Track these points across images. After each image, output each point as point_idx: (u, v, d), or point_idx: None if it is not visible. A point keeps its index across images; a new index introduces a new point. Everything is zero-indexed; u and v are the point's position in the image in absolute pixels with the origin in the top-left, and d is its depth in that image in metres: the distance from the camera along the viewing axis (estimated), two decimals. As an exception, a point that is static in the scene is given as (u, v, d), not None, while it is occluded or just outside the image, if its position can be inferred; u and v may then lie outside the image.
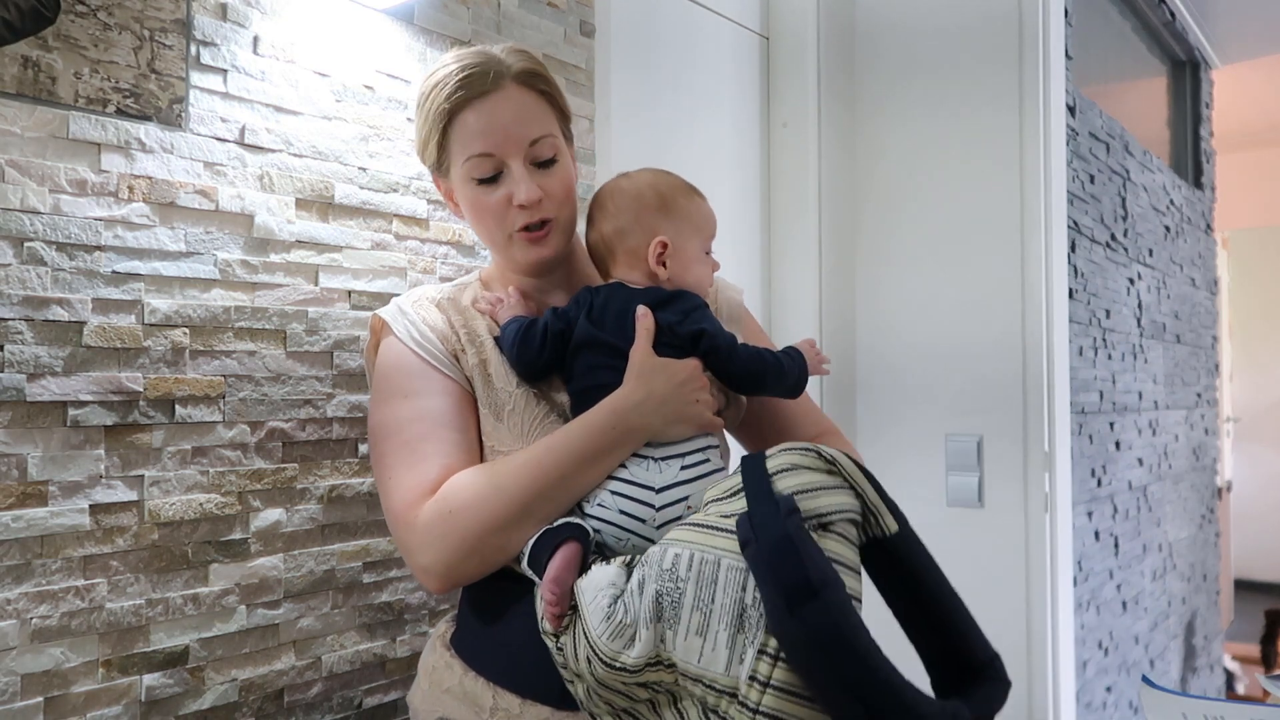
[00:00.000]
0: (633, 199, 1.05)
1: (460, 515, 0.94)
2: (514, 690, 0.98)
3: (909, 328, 2.15)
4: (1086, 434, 2.42)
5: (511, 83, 1.03)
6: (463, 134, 1.03)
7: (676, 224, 1.05)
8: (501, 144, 1.02)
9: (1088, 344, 2.45)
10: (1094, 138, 2.56)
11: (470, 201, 1.06)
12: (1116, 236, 2.71)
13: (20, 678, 0.98)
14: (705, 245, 1.08)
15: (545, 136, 1.05)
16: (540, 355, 1.02)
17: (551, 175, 1.05)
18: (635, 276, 1.05)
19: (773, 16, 2.18)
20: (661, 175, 1.08)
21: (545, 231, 1.05)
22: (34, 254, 1.00)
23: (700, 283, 1.07)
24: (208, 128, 1.14)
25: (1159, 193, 3.18)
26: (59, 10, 1.01)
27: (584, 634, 0.86)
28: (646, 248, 1.04)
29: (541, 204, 1.04)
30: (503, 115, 1.02)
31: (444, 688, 1.03)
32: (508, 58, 1.04)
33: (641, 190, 1.06)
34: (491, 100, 1.02)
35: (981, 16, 2.07)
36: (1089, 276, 2.47)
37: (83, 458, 1.03)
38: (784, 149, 2.16)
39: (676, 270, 1.04)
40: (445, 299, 1.11)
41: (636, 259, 1.05)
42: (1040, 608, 1.99)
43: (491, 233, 1.07)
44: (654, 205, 1.04)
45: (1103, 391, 2.56)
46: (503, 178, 1.04)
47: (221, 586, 1.15)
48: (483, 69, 1.02)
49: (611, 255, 1.06)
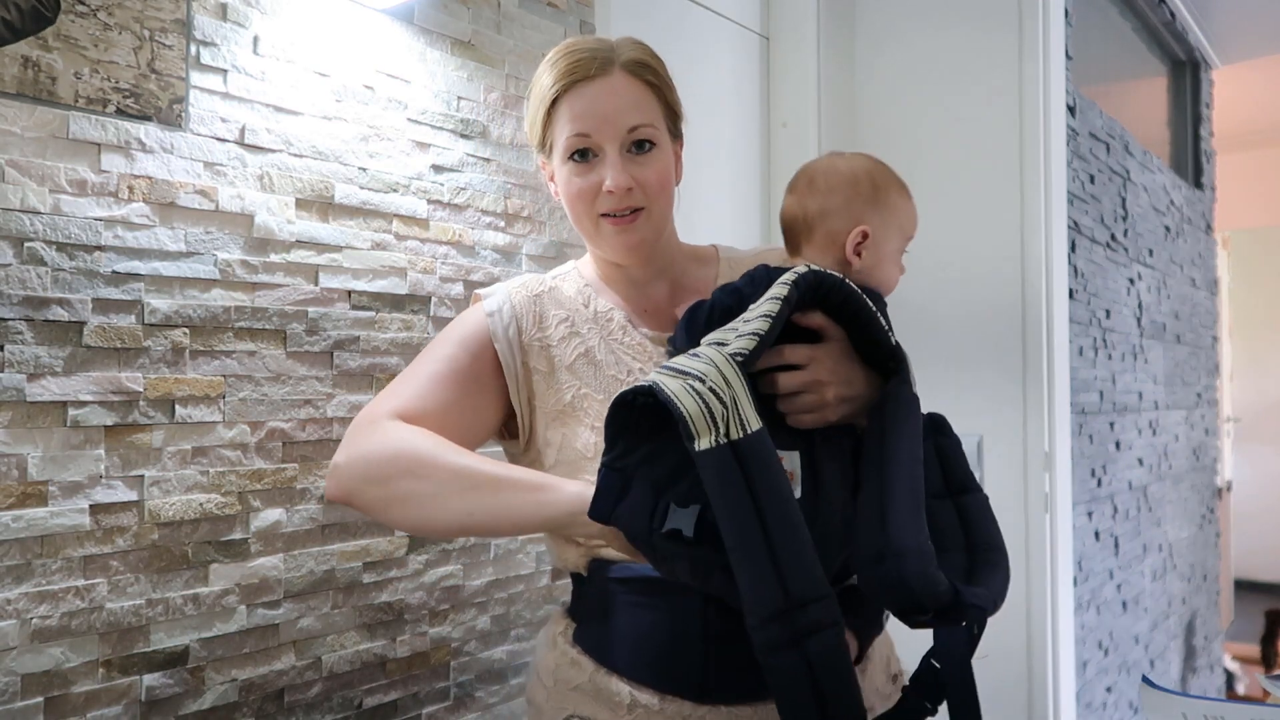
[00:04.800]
0: (847, 181, 1.01)
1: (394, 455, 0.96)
2: (652, 685, 0.97)
3: (909, 328, 2.15)
4: (1086, 434, 2.42)
5: (619, 70, 1.03)
6: (566, 115, 1.03)
7: (883, 217, 1.00)
8: (599, 127, 1.01)
9: (1088, 344, 2.45)
10: (1094, 138, 2.56)
11: (564, 183, 1.05)
12: (1116, 236, 2.71)
13: (20, 678, 0.98)
14: (903, 246, 1.04)
15: (644, 125, 1.03)
16: (707, 331, 0.96)
17: (647, 165, 1.03)
18: (825, 260, 1.00)
19: (773, 16, 2.18)
20: (878, 164, 1.04)
21: (633, 219, 1.03)
22: (34, 254, 1.00)
23: (887, 282, 1.03)
24: (208, 128, 1.14)
25: (1159, 193, 3.18)
26: (59, 10, 1.01)
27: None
28: (847, 234, 0.99)
29: (632, 193, 1.02)
30: (604, 101, 1.02)
31: (573, 685, 1.01)
32: (620, 46, 1.05)
33: (858, 174, 1.01)
34: (596, 85, 1.02)
35: (982, 17, 2.07)
36: (1089, 276, 2.47)
37: (83, 458, 1.03)
38: (784, 149, 2.16)
39: (870, 264, 1.00)
40: (546, 291, 1.11)
41: (833, 243, 1.00)
42: (1040, 608, 1.98)
43: (580, 217, 1.06)
44: (867, 193, 1.00)
45: (1103, 391, 2.56)
46: (597, 163, 1.03)
47: (221, 586, 1.15)
48: (591, 54, 1.02)
49: (808, 233, 1.02)
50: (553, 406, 1.05)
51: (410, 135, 1.36)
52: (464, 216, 1.44)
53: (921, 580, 0.82)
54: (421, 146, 1.38)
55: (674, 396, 0.80)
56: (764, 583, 0.77)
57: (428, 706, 1.36)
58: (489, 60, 1.48)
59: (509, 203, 1.50)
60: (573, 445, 1.02)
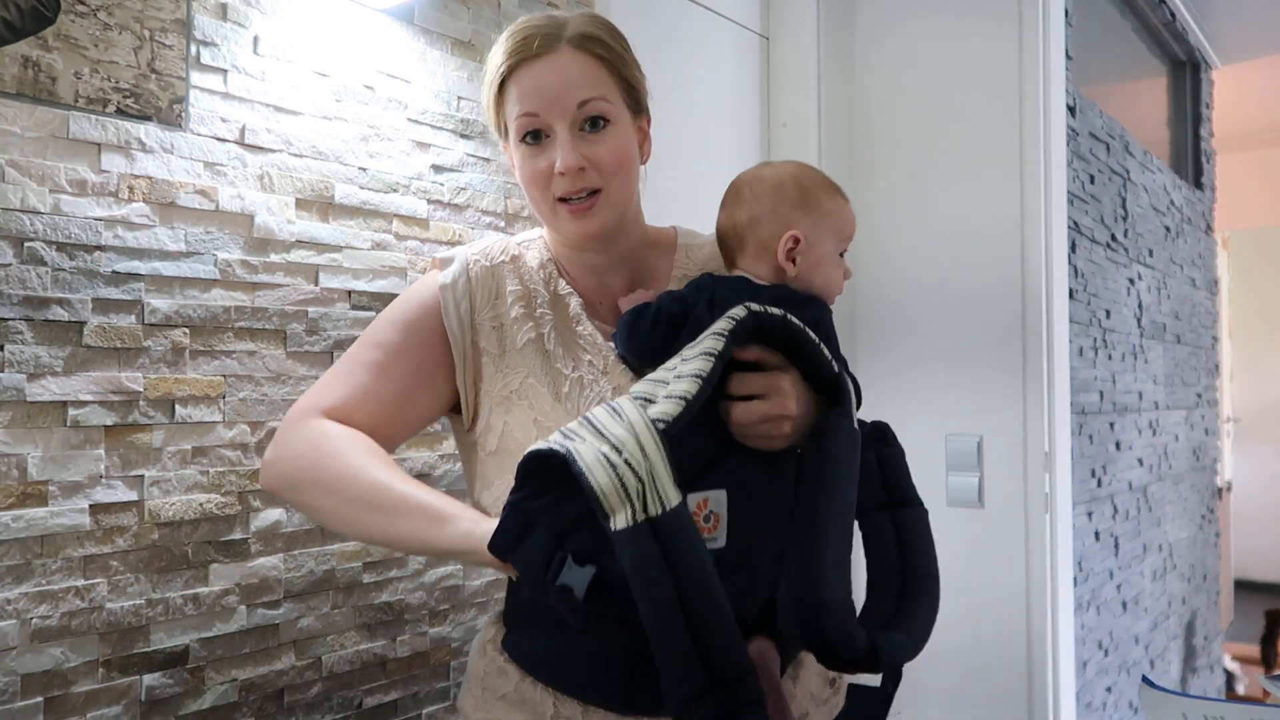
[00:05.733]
0: (771, 188, 0.99)
1: (309, 466, 0.96)
2: (577, 696, 0.96)
3: (909, 329, 2.15)
4: (1086, 434, 2.42)
5: (565, 45, 0.98)
6: (514, 96, 0.99)
7: (814, 220, 0.99)
8: (547, 106, 0.97)
9: (1088, 344, 2.45)
10: (1094, 138, 2.56)
11: (519, 166, 1.02)
12: (1116, 237, 2.71)
13: (20, 678, 0.98)
14: (841, 247, 1.02)
15: (594, 99, 0.98)
16: (650, 338, 0.96)
17: (600, 143, 0.99)
18: (762, 270, 0.99)
19: (773, 16, 2.18)
20: (805, 168, 1.03)
21: (590, 204, 0.99)
22: (34, 254, 1.00)
23: (829, 286, 1.01)
24: (208, 128, 1.14)
25: (1159, 193, 3.18)
26: (59, 10, 1.01)
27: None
28: (778, 241, 0.98)
29: (584, 173, 0.98)
30: (550, 77, 0.97)
31: (499, 694, 1.00)
32: (573, 22, 1.00)
33: (782, 180, 1.00)
34: (543, 63, 0.98)
35: (982, 18, 2.07)
36: (1089, 276, 2.47)
37: (83, 458, 1.03)
38: (784, 149, 2.16)
39: (805, 269, 0.98)
40: (508, 260, 1.07)
41: (766, 252, 0.99)
42: (1040, 608, 1.98)
43: (536, 201, 1.02)
44: (793, 198, 0.99)
45: (1103, 391, 2.56)
46: (549, 144, 0.99)
47: (221, 586, 1.15)
48: (538, 30, 0.98)
49: (741, 245, 1.01)
50: (499, 391, 1.02)
51: (410, 135, 1.36)
52: (464, 216, 1.44)
53: (841, 636, 0.83)
54: (421, 146, 1.38)
55: (586, 470, 0.77)
56: (684, 661, 0.75)
57: (428, 706, 1.37)
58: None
59: (509, 203, 1.50)
60: (513, 434, 0.99)
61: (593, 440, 0.80)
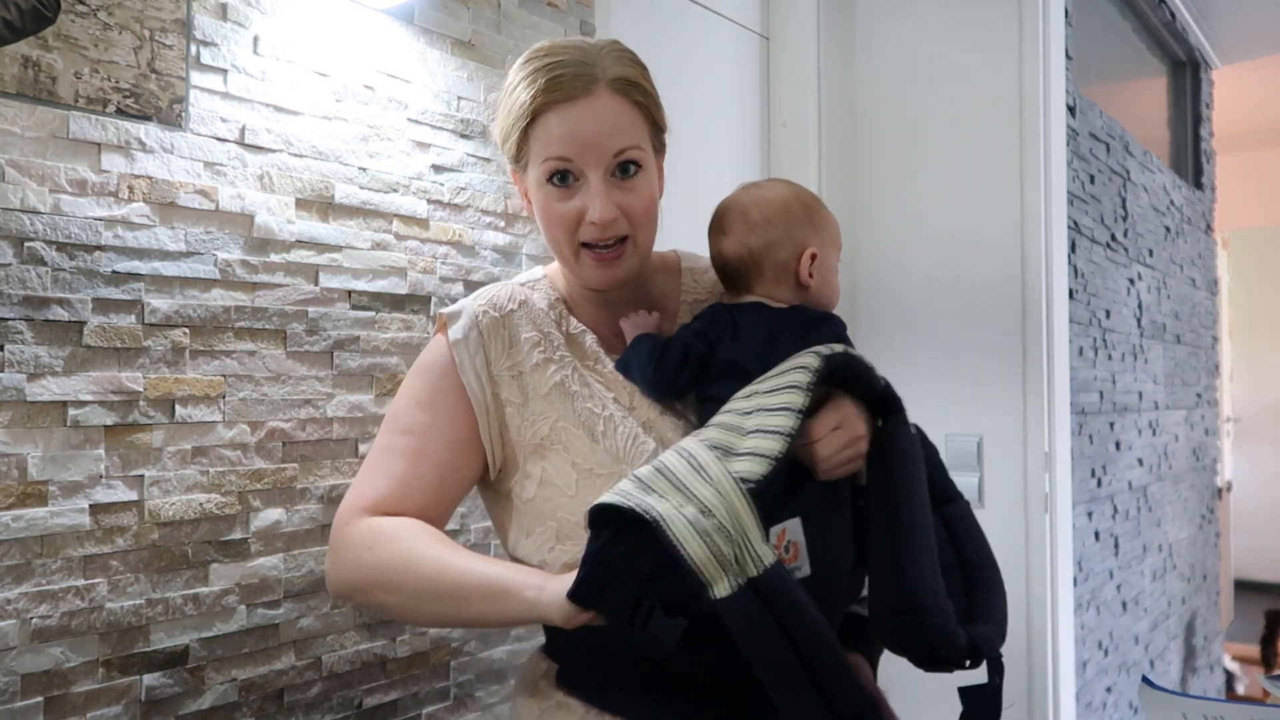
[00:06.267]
0: (780, 210, 1.00)
1: (370, 568, 0.96)
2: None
3: (909, 329, 2.15)
4: (1086, 434, 2.42)
5: (605, 89, 0.95)
6: (544, 135, 0.95)
7: (821, 235, 1.01)
8: (582, 152, 0.94)
9: (1088, 344, 2.45)
10: (1094, 138, 2.56)
11: (542, 206, 0.98)
12: (1116, 237, 2.71)
13: (20, 678, 0.98)
14: (839, 257, 1.05)
15: (631, 148, 0.96)
16: (678, 377, 0.97)
17: (632, 191, 0.97)
18: (780, 293, 1.00)
19: (773, 16, 2.18)
20: (796, 186, 1.05)
21: (619, 252, 0.97)
22: (34, 254, 1.00)
23: (834, 298, 1.03)
24: (208, 128, 1.14)
25: (1159, 193, 3.18)
26: (59, 10, 1.01)
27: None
28: (797, 261, 0.99)
29: (616, 223, 0.96)
30: (588, 124, 0.94)
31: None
32: (606, 59, 0.96)
33: (787, 201, 1.01)
34: (580, 106, 0.94)
35: (982, 18, 2.07)
36: (1089, 277, 2.47)
37: (83, 458, 1.03)
38: (784, 149, 2.16)
39: (819, 284, 1.01)
40: (516, 307, 1.04)
41: (785, 273, 1.00)
42: (1040, 608, 1.98)
43: (559, 243, 0.99)
44: (801, 217, 1.01)
45: (1103, 392, 2.56)
46: (579, 188, 0.96)
47: (221, 586, 1.15)
48: (575, 70, 0.94)
49: (758, 270, 1.00)
50: (530, 439, 1.00)
51: (410, 135, 1.36)
52: (464, 216, 1.44)
53: (942, 638, 0.84)
54: (421, 146, 1.38)
55: (679, 542, 0.77)
56: (809, 708, 0.77)
57: (428, 706, 1.37)
58: (489, 60, 1.48)
59: (509, 203, 1.50)
60: (552, 480, 0.98)
61: (675, 498, 0.80)
